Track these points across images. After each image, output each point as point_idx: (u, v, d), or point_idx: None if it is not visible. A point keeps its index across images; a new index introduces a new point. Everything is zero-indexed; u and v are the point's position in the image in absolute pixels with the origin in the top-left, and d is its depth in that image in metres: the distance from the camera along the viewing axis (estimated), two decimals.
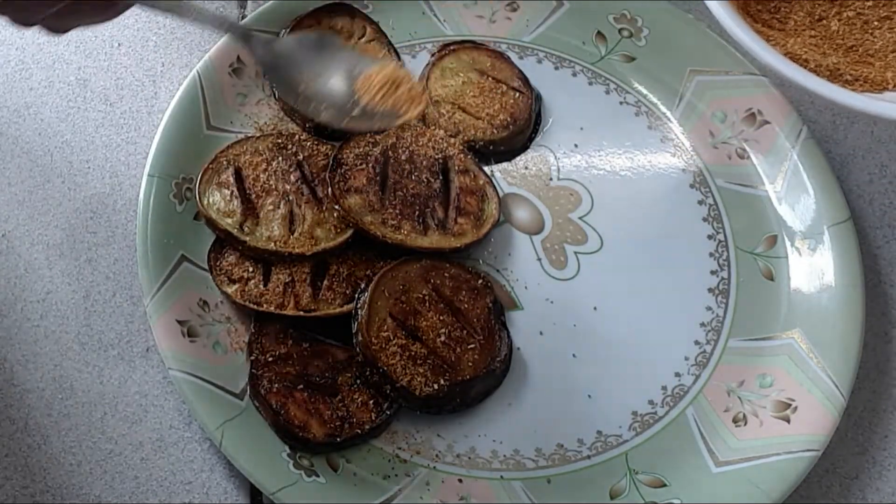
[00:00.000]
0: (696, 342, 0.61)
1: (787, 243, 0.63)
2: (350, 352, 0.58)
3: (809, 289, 0.61)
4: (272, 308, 0.58)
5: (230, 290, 0.59)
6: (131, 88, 0.69)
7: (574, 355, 0.60)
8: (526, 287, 0.62)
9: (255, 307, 0.59)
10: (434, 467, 0.57)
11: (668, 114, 0.68)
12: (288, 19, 0.67)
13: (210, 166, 0.62)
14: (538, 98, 0.68)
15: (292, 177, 0.62)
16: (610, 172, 0.66)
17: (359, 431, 0.56)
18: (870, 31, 0.54)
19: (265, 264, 0.60)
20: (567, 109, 0.68)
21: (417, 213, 0.61)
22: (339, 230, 0.61)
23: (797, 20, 0.56)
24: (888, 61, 0.54)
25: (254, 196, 0.62)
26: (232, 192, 0.61)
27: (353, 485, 0.55)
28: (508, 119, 0.66)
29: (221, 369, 0.57)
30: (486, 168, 0.65)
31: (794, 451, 0.56)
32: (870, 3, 0.55)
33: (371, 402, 0.57)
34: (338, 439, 0.56)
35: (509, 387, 0.59)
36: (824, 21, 0.55)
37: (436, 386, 0.56)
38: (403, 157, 0.63)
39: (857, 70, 0.53)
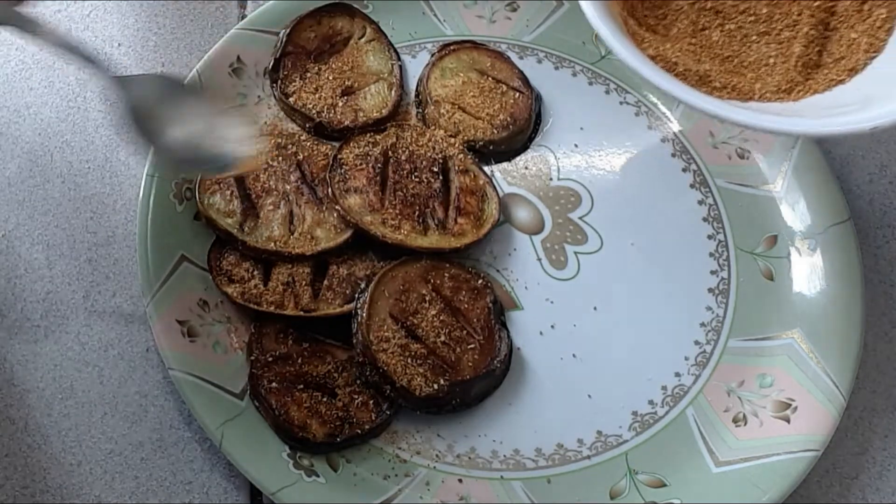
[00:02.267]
0: (696, 342, 0.61)
1: (787, 243, 0.63)
2: (350, 352, 0.58)
3: (809, 289, 0.61)
4: (272, 308, 0.58)
5: (230, 290, 0.59)
6: None
7: (574, 355, 0.60)
8: (526, 287, 0.62)
9: (255, 307, 0.59)
10: (434, 467, 0.57)
11: (668, 114, 0.68)
12: (288, 19, 0.67)
13: None
14: (538, 98, 0.68)
15: (292, 177, 0.62)
16: (610, 172, 0.66)
17: (359, 431, 0.56)
18: (748, 44, 0.57)
19: (265, 264, 0.60)
20: (567, 109, 0.68)
21: (417, 213, 0.61)
22: (339, 230, 0.61)
23: (681, 28, 0.58)
24: (759, 73, 0.56)
25: (254, 196, 0.62)
26: (232, 191, 0.61)
27: (353, 485, 0.55)
28: (508, 119, 0.66)
29: (221, 369, 0.57)
30: (486, 168, 0.65)
31: (794, 451, 0.56)
32: (751, 19, 0.57)
33: (371, 402, 0.57)
34: (338, 439, 0.56)
35: (509, 387, 0.59)
36: (707, 31, 0.57)
37: (436, 386, 0.56)
38: (403, 157, 0.63)
39: (727, 79, 0.55)
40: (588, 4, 0.54)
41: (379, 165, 0.62)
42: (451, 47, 0.68)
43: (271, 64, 0.66)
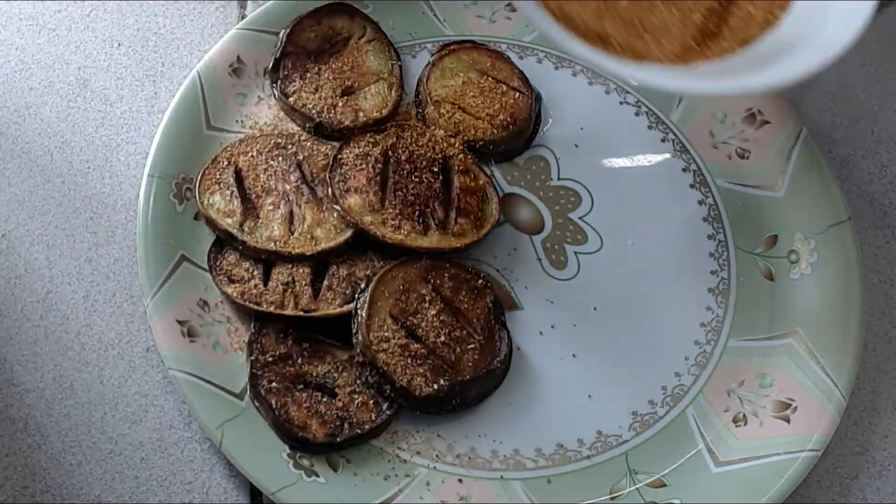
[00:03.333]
0: (696, 342, 0.61)
1: (787, 243, 0.63)
2: (350, 352, 0.58)
3: (809, 289, 0.61)
4: (272, 308, 0.58)
5: (230, 290, 0.59)
6: (131, 88, 0.69)
7: (574, 355, 0.60)
8: (526, 287, 0.62)
9: (255, 307, 0.59)
10: (434, 467, 0.57)
11: (668, 114, 0.68)
12: (288, 19, 0.67)
13: (210, 166, 0.62)
14: (538, 98, 0.68)
15: (292, 177, 0.62)
16: (610, 172, 0.66)
17: (359, 431, 0.56)
18: (652, 9, 0.57)
19: (265, 264, 0.60)
20: (567, 109, 0.68)
21: (417, 213, 0.61)
22: (339, 230, 0.61)
23: None
24: (658, 39, 0.56)
25: (254, 196, 0.62)
26: (232, 192, 0.61)
27: (353, 485, 0.55)
28: (508, 119, 0.66)
29: (221, 369, 0.57)
30: (486, 168, 0.65)
31: (794, 451, 0.56)
32: None
33: (371, 402, 0.57)
34: (338, 439, 0.56)
35: (509, 387, 0.59)
36: None
37: (436, 386, 0.56)
38: (403, 157, 0.63)
39: (625, 40, 0.55)
40: None
41: (379, 165, 0.62)
42: (451, 47, 0.68)
43: (271, 64, 0.66)
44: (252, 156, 0.63)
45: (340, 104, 0.65)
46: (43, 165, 0.66)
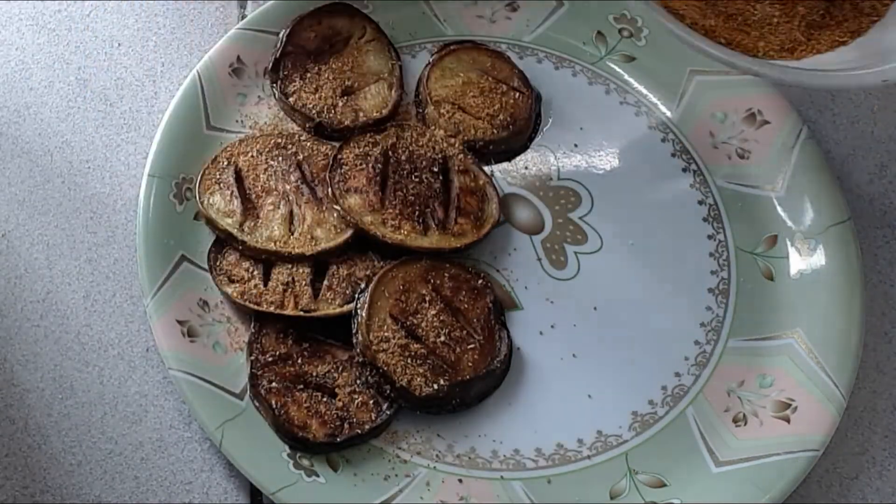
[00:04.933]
0: (696, 342, 0.61)
1: (787, 243, 0.63)
2: (350, 352, 0.58)
3: (809, 289, 0.61)
4: (272, 308, 0.58)
5: (230, 290, 0.59)
6: (131, 88, 0.69)
7: (574, 355, 0.60)
8: (526, 287, 0.62)
9: (255, 307, 0.59)
10: (434, 467, 0.57)
11: (668, 114, 0.68)
12: (288, 19, 0.67)
13: (210, 166, 0.62)
14: (538, 98, 0.68)
15: (292, 177, 0.62)
16: (610, 172, 0.66)
17: (359, 431, 0.56)
18: (752, 3, 0.58)
19: (265, 264, 0.60)
20: (567, 109, 0.68)
21: (417, 213, 0.61)
22: (339, 230, 0.61)
23: None
24: (763, 32, 0.57)
25: (254, 196, 0.62)
26: (232, 192, 0.61)
27: (353, 485, 0.55)
28: (508, 119, 0.66)
29: (221, 369, 0.58)
30: (486, 168, 0.65)
31: (794, 451, 0.56)
32: None
33: (371, 402, 0.57)
34: (338, 439, 0.56)
35: (509, 387, 0.59)
36: None
37: (436, 386, 0.56)
38: (403, 157, 0.63)
39: (731, 35, 0.57)
40: None
41: (379, 165, 0.62)
42: (451, 47, 0.68)
43: (271, 64, 0.66)
44: (252, 156, 0.63)
45: (340, 104, 0.65)
46: (43, 165, 0.66)
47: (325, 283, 0.60)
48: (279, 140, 0.64)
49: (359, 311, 0.58)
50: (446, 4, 0.70)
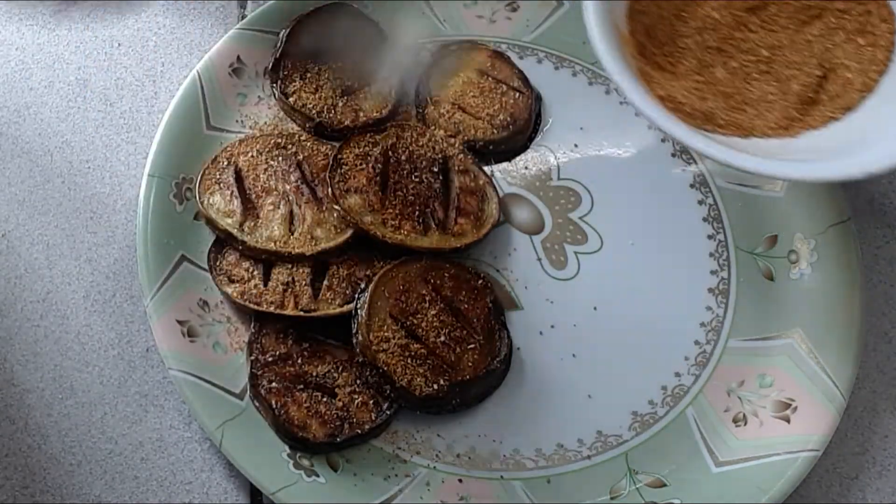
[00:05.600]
0: (696, 342, 0.61)
1: (787, 243, 0.63)
2: (350, 352, 0.58)
3: (809, 289, 0.61)
4: (272, 308, 0.58)
5: (230, 290, 0.59)
6: (131, 88, 0.69)
7: (574, 355, 0.60)
8: (526, 287, 0.62)
9: (255, 307, 0.59)
10: (434, 467, 0.57)
11: None
12: (288, 19, 0.67)
13: (210, 166, 0.62)
14: (538, 98, 0.68)
15: (292, 177, 0.62)
16: (610, 172, 0.66)
17: (359, 431, 0.56)
18: (749, 81, 0.59)
19: (265, 264, 0.60)
20: (567, 109, 0.68)
21: (417, 213, 0.61)
22: (339, 230, 0.61)
23: (687, 65, 0.60)
24: (760, 110, 0.58)
25: (254, 196, 0.62)
26: (232, 192, 0.61)
27: (353, 485, 0.55)
28: (508, 119, 0.66)
29: (221, 369, 0.58)
30: (486, 168, 0.65)
31: (794, 451, 0.56)
32: (752, 58, 0.60)
33: (371, 402, 0.57)
34: (338, 439, 0.56)
35: (509, 387, 0.59)
36: (711, 68, 0.60)
37: (436, 386, 0.56)
38: (403, 157, 0.63)
39: (729, 116, 0.58)
40: (604, 51, 0.57)
41: (379, 165, 0.62)
42: (451, 47, 0.68)
43: (271, 64, 0.66)
44: (252, 156, 0.63)
45: (340, 104, 0.65)
46: (43, 165, 0.66)
47: (325, 283, 0.60)
48: (279, 140, 0.64)
49: (359, 311, 0.58)
50: (446, 4, 0.70)
